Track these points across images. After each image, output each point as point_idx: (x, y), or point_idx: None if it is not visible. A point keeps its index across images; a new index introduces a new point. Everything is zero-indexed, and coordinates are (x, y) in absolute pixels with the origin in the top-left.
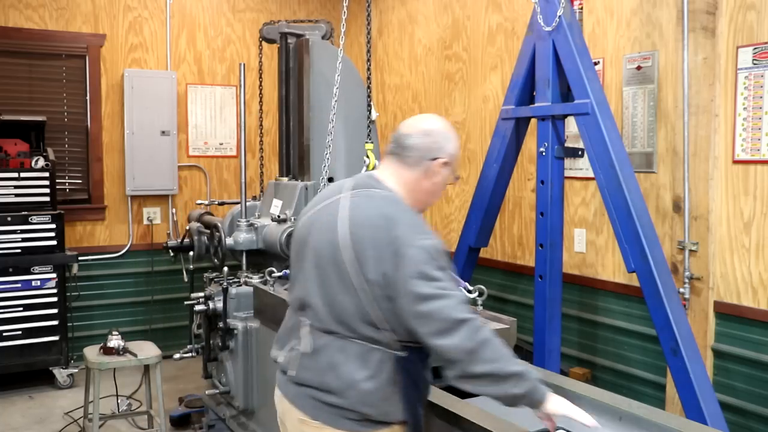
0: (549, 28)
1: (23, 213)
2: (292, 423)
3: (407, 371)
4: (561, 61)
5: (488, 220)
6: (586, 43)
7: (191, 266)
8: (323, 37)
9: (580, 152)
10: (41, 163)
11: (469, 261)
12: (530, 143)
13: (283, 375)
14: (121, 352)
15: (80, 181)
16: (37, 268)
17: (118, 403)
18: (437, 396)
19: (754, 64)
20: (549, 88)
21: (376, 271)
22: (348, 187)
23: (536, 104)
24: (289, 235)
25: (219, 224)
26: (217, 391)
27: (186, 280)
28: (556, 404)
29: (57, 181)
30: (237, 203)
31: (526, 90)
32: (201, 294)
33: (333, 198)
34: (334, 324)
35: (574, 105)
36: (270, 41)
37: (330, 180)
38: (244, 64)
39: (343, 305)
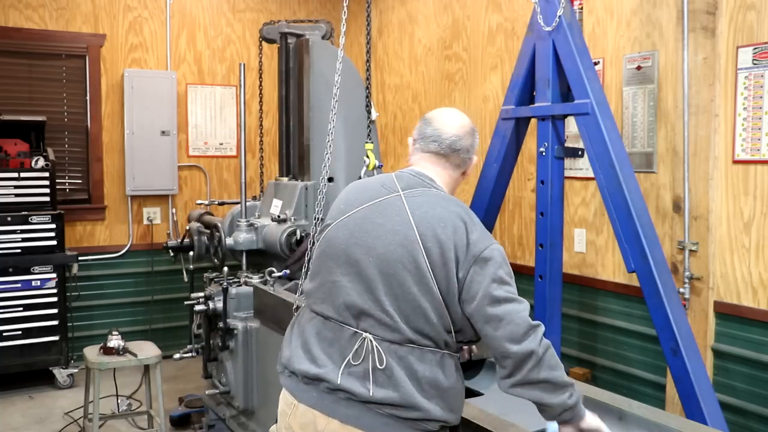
0: (549, 28)
1: (23, 213)
2: None
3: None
4: (561, 61)
5: (488, 220)
6: (586, 43)
7: (191, 266)
8: (323, 37)
9: (580, 152)
10: (41, 163)
11: None
12: (530, 143)
13: (329, 393)
14: (121, 352)
15: (80, 181)
16: (37, 268)
17: (118, 403)
18: None
19: (754, 64)
20: (549, 88)
21: (455, 274)
22: (398, 185)
23: (536, 104)
24: (290, 235)
25: (219, 224)
26: (217, 391)
27: (186, 280)
28: (591, 420)
29: (57, 181)
30: (237, 203)
31: (526, 90)
32: (201, 294)
33: (381, 198)
34: (411, 333)
35: (574, 105)
36: (270, 41)
37: (330, 180)
38: (244, 64)
39: (423, 312)
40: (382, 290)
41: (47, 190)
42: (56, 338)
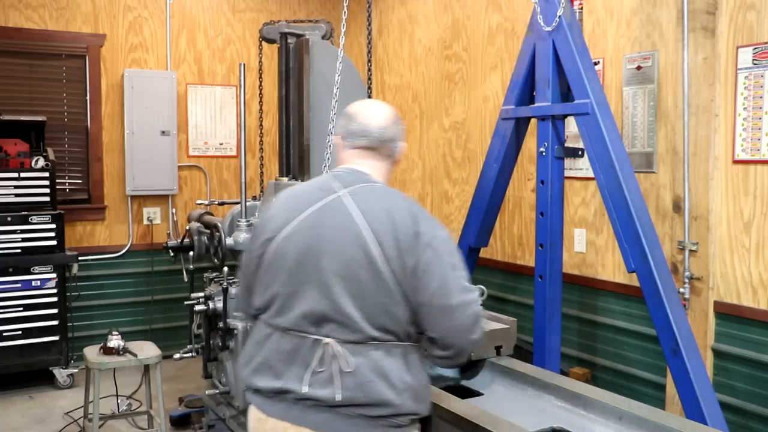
0: (549, 28)
1: (23, 213)
2: None
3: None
4: (561, 61)
5: (488, 220)
6: (586, 43)
7: (191, 266)
8: (323, 37)
9: (580, 152)
10: (41, 163)
11: (469, 261)
12: (530, 143)
13: (295, 403)
14: (121, 352)
15: (80, 181)
16: (37, 268)
17: (118, 403)
18: (437, 396)
19: (754, 64)
20: (549, 88)
21: (408, 266)
22: (337, 185)
23: (536, 104)
24: None
25: (219, 224)
26: (217, 391)
27: (186, 280)
28: None
29: (57, 181)
30: (237, 203)
31: (526, 90)
32: (201, 294)
33: (323, 201)
34: (374, 330)
35: (574, 105)
36: (270, 41)
37: None
38: (244, 64)
39: (384, 308)
40: (340, 292)
41: (47, 190)
42: (56, 338)
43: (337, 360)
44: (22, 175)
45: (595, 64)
